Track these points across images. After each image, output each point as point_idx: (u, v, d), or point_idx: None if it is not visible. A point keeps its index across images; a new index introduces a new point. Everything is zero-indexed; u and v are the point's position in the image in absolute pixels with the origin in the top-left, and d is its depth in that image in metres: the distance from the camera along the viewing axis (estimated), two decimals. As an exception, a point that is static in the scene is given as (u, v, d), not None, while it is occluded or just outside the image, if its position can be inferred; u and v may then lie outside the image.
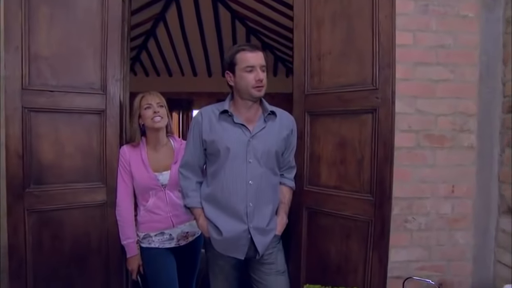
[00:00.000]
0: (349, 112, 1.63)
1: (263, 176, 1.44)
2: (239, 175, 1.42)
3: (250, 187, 1.42)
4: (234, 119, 1.45)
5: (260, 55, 1.41)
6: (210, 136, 1.46)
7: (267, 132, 1.46)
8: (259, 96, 1.43)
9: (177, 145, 1.83)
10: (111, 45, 1.75)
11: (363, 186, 1.59)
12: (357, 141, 1.60)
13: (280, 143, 1.49)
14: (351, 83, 1.62)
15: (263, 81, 1.40)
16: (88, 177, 1.74)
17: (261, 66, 1.40)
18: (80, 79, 1.71)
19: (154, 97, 1.73)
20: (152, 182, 1.70)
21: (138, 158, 1.72)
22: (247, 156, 1.43)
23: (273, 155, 1.47)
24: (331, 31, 1.68)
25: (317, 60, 1.73)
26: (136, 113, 1.72)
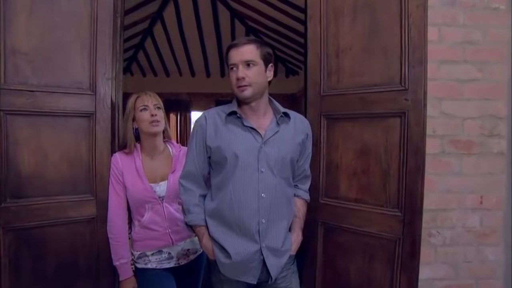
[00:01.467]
0: (372, 115, 1.41)
1: (277, 187, 1.22)
2: (249, 186, 1.20)
3: (262, 200, 1.20)
4: (243, 122, 1.23)
5: (245, 49, 1.20)
6: (215, 142, 1.24)
7: (280, 137, 1.25)
8: (244, 97, 1.21)
9: (176, 152, 1.59)
10: (102, 38, 1.51)
11: (389, 199, 1.37)
12: (382, 148, 1.38)
13: (295, 149, 1.28)
14: (375, 82, 1.40)
15: (246, 79, 1.18)
16: (75, 188, 1.49)
17: (244, 62, 1.19)
18: (65, 77, 1.46)
19: (150, 97, 1.49)
20: (148, 194, 1.47)
21: (132, 167, 1.48)
22: (259, 164, 1.20)
23: (287, 163, 1.25)
24: (351, 23, 1.46)
25: (334, 57, 1.50)
26: (130, 115, 1.48)
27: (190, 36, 5.39)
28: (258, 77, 1.20)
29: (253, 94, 1.21)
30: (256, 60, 1.19)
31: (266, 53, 1.23)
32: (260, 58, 1.21)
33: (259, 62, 1.20)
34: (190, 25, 5.15)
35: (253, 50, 1.20)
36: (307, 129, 1.34)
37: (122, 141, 1.51)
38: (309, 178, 1.42)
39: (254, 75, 1.19)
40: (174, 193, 1.49)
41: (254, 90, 1.20)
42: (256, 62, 1.19)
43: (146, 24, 5.22)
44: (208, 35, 5.36)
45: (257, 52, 1.20)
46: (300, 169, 1.35)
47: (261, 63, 1.21)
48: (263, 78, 1.23)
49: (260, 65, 1.21)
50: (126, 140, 1.48)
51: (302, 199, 1.38)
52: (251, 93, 1.20)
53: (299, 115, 1.36)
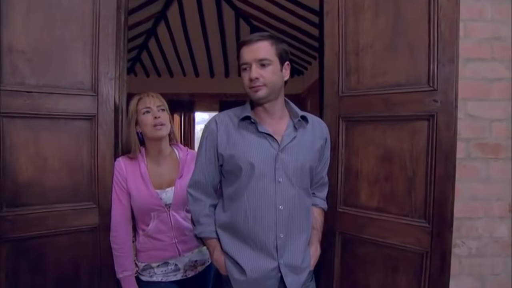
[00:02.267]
0: (396, 118, 1.29)
1: (296, 198, 1.11)
2: (266, 198, 1.09)
3: (280, 213, 1.08)
4: (258, 127, 1.11)
5: (258, 47, 1.07)
6: (228, 150, 1.12)
7: (298, 143, 1.13)
8: (258, 98, 1.09)
9: (183, 156, 1.48)
10: (104, 36, 1.39)
11: (415, 209, 1.25)
12: (408, 154, 1.26)
13: (314, 157, 1.17)
14: (400, 82, 1.28)
15: (260, 79, 1.06)
16: (76, 196, 1.38)
17: (258, 60, 1.06)
18: (65, 77, 1.35)
19: (153, 99, 1.37)
20: (154, 202, 1.35)
21: (137, 172, 1.37)
22: (276, 174, 1.09)
23: (306, 172, 1.14)
24: (373, 18, 1.34)
25: (354, 55, 1.39)
26: (133, 119, 1.37)
27: (194, 36, 5.29)
28: (273, 77, 1.08)
29: (268, 95, 1.09)
30: (270, 59, 1.07)
31: (282, 50, 1.11)
32: (276, 56, 1.09)
33: (274, 61, 1.08)
34: (194, 25, 5.04)
35: (268, 47, 1.08)
36: (325, 133, 1.23)
37: (125, 145, 1.40)
38: (326, 185, 1.30)
39: (269, 75, 1.07)
40: (182, 200, 1.38)
41: (269, 91, 1.08)
42: (271, 60, 1.07)
43: (150, 24, 5.12)
44: (213, 35, 5.26)
45: (272, 49, 1.08)
46: (317, 176, 1.23)
47: (276, 62, 1.09)
48: (278, 78, 1.11)
49: (275, 64, 1.08)
50: (130, 144, 1.37)
51: (319, 208, 1.26)
52: (266, 94, 1.08)
53: (317, 118, 1.25)
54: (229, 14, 4.91)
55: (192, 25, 5.06)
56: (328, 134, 1.24)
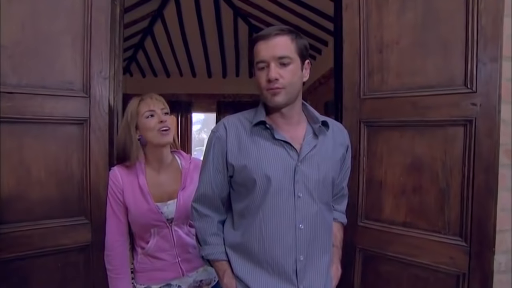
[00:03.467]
0: (427, 123, 1.13)
1: (317, 215, 0.95)
2: (284, 216, 0.93)
3: (300, 233, 0.93)
4: (274, 134, 0.94)
5: (277, 42, 0.90)
6: (240, 160, 0.95)
7: (319, 152, 0.97)
8: (276, 104, 0.93)
9: (185, 164, 1.30)
10: (97, 30, 1.21)
11: (449, 225, 1.10)
12: (440, 163, 1.11)
13: (336, 167, 1.02)
14: (431, 83, 1.12)
15: (280, 80, 0.89)
16: (65, 211, 1.20)
17: (277, 58, 0.90)
18: (52, 76, 1.17)
19: (157, 101, 1.20)
20: (154, 217, 1.18)
21: (134, 183, 1.19)
22: (295, 188, 0.93)
23: (328, 184, 0.99)
24: (399, 12, 1.18)
25: (377, 53, 1.22)
26: (132, 123, 1.19)
27: (192, 35, 5.08)
28: (293, 78, 0.91)
29: (287, 100, 0.92)
30: (291, 56, 0.91)
31: (302, 46, 0.94)
32: (296, 53, 0.92)
33: (294, 59, 0.91)
34: (192, 24, 4.84)
35: (288, 43, 0.91)
36: (347, 140, 1.07)
37: (121, 153, 1.21)
38: (346, 197, 1.15)
39: (289, 76, 0.90)
40: (185, 213, 1.21)
41: (288, 94, 0.92)
42: (292, 58, 0.91)
43: (146, 22, 4.90)
44: (210, 34, 5.05)
45: (292, 45, 0.91)
46: (337, 188, 1.07)
47: (297, 60, 0.92)
48: (299, 79, 0.94)
49: (296, 63, 0.92)
50: (128, 151, 1.18)
51: (338, 222, 1.11)
52: (285, 99, 0.92)
53: (336, 122, 1.09)
54: (227, 13, 4.71)
55: (190, 24, 4.86)
56: (349, 141, 1.08)
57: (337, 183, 1.06)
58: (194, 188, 1.25)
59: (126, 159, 1.20)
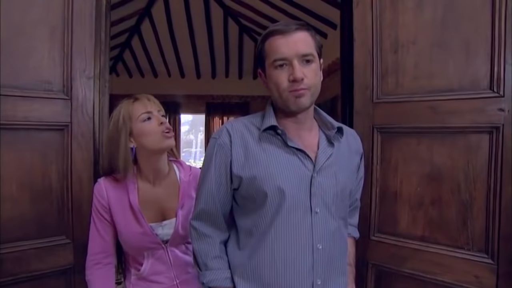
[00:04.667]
0: (447, 130, 1.02)
1: (336, 233, 0.84)
2: (300, 235, 0.80)
3: (318, 254, 0.80)
4: (287, 140, 0.82)
5: (298, 38, 0.79)
6: (247, 170, 0.82)
7: (336, 161, 0.85)
8: (301, 107, 0.81)
9: (184, 177, 1.11)
10: (80, 22, 1.04)
11: (473, 240, 0.99)
12: (462, 173, 1.00)
13: (352, 177, 0.91)
14: (451, 87, 1.02)
15: (305, 81, 0.78)
16: (42, 230, 1.03)
17: (301, 56, 0.78)
18: (27, 75, 0.99)
19: (154, 104, 1.03)
20: (148, 239, 1.01)
21: (124, 201, 1.01)
22: (312, 202, 0.80)
23: (346, 197, 0.88)
24: (416, 9, 1.07)
25: (392, 53, 1.11)
26: (124, 128, 0.99)
27: (180, 35, 4.90)
28: (316, 78, 0.81)
29: (311, 102, 0.82)
30: (314, 54, 0.80)
31: (319, 44, 0.83)
32: (315, 50, 0.81)
33: (316, 57, 0.81)
34: (180, 23, 4.66)
35: (309, 39, 0.80)
36: (361, 147, 0.96)
37: (107, 164, 1.02)
38: (358, 209, 1.03)
39: (313, 75, 0.79)
40: (184, 234, 1.06)
41: (312, 96, 0.81)
42: (315, 56, 0.80)
43: (133, 21, 4.69)
44: (199, 34, 4.89)
45: (313, 42, 0.81)
46: (351, 200, 0.95)
47: (316, 58, 0.81)
48: (320, 79, 0.83)
49: (317, 61, 0.81)
50: (118, 162, 0.99)
51: (351, 237, 0.99)
52: (310, 101, 0.81)
53: (349, 128, 0.97)
54: (217, 12, 4.56)
55: (178, 23, 4.68)
56: (362, 148, 0.97)
57: (352, 194, 0.94)
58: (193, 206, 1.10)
59: (113, 171, 1.02)
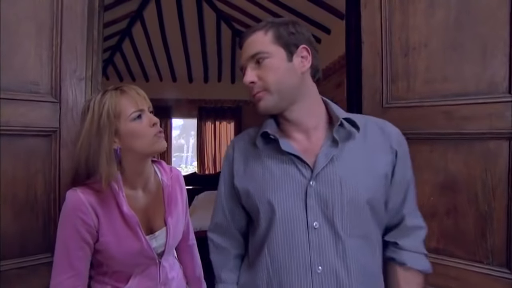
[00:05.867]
0: (463, 136, 0.96)
1: (346, 255, 0.68)
2: (295, 255, 0.69)
3: (318, 278, 0.67)
4: (280, 144, 0.73)
5: (250, 41, 0.73)
6: (244, 183, 0.77)
7: (343, 164, 0.71)
8: (261, 111, 0.74)
9: (167, 180, 0.97)
10: (71, 19, 0.95)
11: (493, 254, 0.93)
12: (479, 182, 0.94)
13: (377, 182, 0.72)
14: (468, 91, 0.96)
15: (258, 83, 0.72)
16: (27, 247, 0.92)
17: (250, 58, 0.73)
18: (10, 75, 0.89)
19: (143, 99, 0.88)
20: (144, 255, 0.89)
21: (114, 214, 0.85)
22: (309, 216, 0.69)
23: (363, 208, 0.70)
24: (428, 10, 1.01)
25: (402, 56, 1.05)
26: (108, 127, 0.81)
27: (172, 39, 4.79)
28: (276, 74, 0.71)
29: (276, 102, 0.72)
30: (265, 50, 0.71)
31: (285, 32, 0.72)
32: (274, 44, 0.71)
33: (273, 51, 0.71)
34: (173, 26, 4.55)
35: (260, 37, 0.72)
36: (394, 143, 0.75)
37: (82, 170, 0.82)
38: (417, 229, 0.78)
39: (269, 73, 0.71)
40: (174, 243, 0.98)
41: (277, 95, 0.72)
42: (267, 52, 0.71)
43: (125, 23, 4.55)
44: (192, 37, 4.79)
45: (267, 37, 0.72)
46: (395, 215, 0.77)
47: (277, 51, 0.71)
48: (287, 72, 0.72)
49: (276, 55, 0.71)
50: (94, 168, 0.81)
51: (409, 269, 0.75)
52: (273, 101, 0.72)
53: (374, 119, 0.80)
54: (210, 16, 4.48)
55: (170, 27, 4.57)
56: (400, 143, 0.76)
57: (393, 208, 0.76)
58: (180, 211, 1.00)
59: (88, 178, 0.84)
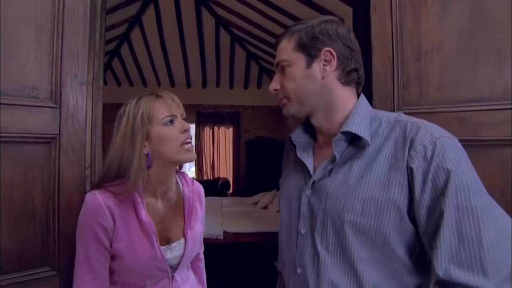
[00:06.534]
0: (479, 143, 0.93)
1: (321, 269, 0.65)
2: (287, 254, 0.75)
3: (297, 279, 0.70)
4: (296, 151, 0.76)
5: (278, 50, 0.74)
6: (282, 180, 0.85)
7: (337, 180, 0.66)
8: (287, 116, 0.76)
9: (187, 191, 0.95)
10: (73, 21, 0.91)
11: None
12: (497, 191, 0.90)
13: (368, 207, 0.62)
14: (483, 97, 0.93)
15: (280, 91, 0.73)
16: (25, 260, 0.86)
17: (276, 67, 0.75)
18: (8, 79, 0.84)
19: (177, 106, 0.86)
20: (158, 265, 0.84)
21: (131, 219, 0.82)
22: (300, 221, 0.71)
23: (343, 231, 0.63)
24: (441, 14, 0.99)
25: (414, 61, 1.02)
26: (141, 131, 0.80)
27: (171, 44, 4.77)
28: (293, 82, 0.70)
29: (298, 109, 0.72)
30: (288, 58, 0.70)
31: (304, 36, 0.69)
32: (295, 51, 0.70)
33: (293, 59, 0.70)
34: (171, 32, 4.54)
35: (284, 45, 0.72)
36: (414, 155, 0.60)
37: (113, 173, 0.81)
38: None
39: (287, 81, 0.71)
40: (190, 257, 0.93)
41: (297, 103, 0.71)
42: (289, 60, 0.70)
43: (123, 28, 4.53)
44: (191, 42, 4.78)
45: (290, 44, 0.70)
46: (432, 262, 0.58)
47: (298, 58, 0.69)
48: (305, 79, 0.69)
49: (296, 62, 0.70)
50: (127, 172, 0.79)
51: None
52: (295, 109, 0.72)
53: (410, 122, 0.65)
54: (209, 21, 4.47)
55: (169, 32, 4.55)
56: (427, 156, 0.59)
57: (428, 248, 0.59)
58: (200, 225, 0.96)
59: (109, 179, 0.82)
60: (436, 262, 0.56)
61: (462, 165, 0.58)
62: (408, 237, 0.61)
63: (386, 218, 0.60)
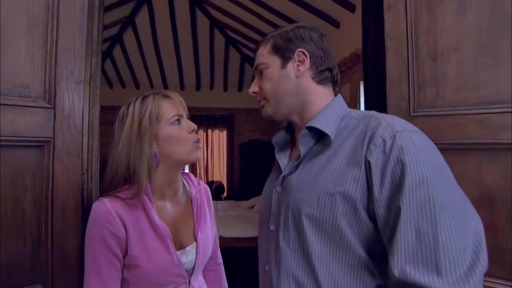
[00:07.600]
0: (500, 146, 0.89)
1: (282, 265, 0.65)
2: (261, 251, 0.75)
3: (265, 276, 0.70)
4: (275, 151, 0.79)
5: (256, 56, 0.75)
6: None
7: (301, 175, 0.67)
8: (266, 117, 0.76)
9: (195, 192, 0.90)
10: (69, 14, 0.82)
11: (535, 274, 0.85)
12: (520, 196, 0.86)
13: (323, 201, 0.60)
14: (503, 98, 0.89)
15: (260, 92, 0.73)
16: (13, 276, 0.77)
17: (255, 71, 0.76)
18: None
19: (184, 107, 0.83)
20: (175, 271, 0.78)
21: (143, 224, 0.75)
22: (271, 218, 0.72)
23: (302, 225, 0.62)
24: (458, 12, 0.95)
25: (430, 61, 0.98)
26: (150, 131, 0.76)
27: (164, 45, 4.69)
28: (270, 83, 0.71)
29: (274, 110, 0.73)
30: (264, 61, 0.73)
31: (278, 40, 0.71)
32: (271, 54, 0.72)
33: (269, 61, 0.72)
34: (165, 33, 4.45)
35: (261, 51, 0.74)
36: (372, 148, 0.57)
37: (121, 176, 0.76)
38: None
39: (264, 83, 0.72)
40: (204, 261, 0.87)
41: (274, 103, 0.72)
42: (266, 63, 0.72)
43: (116, 29, 4.42)
44: (184, 44, 4.70)
45: (266, 49, 0.73)
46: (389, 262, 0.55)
47: (273, 60, 0.71)
48: (281, 79, 0.70)
49: (272, 65, 0.72)
50: (135, 174, 0.74)
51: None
52: (272, 108, 0.73)
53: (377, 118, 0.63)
54: (203, 23, 4.40)
55: (163, 33, 4.46)
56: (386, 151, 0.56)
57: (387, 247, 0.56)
58: (209, 226, 0.90)
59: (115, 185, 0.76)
60: (392, 262, 0.52)
61: (422, 159, 0.54)
62: (368, 234, 0.58)
63: (339, 212, 0.59)
